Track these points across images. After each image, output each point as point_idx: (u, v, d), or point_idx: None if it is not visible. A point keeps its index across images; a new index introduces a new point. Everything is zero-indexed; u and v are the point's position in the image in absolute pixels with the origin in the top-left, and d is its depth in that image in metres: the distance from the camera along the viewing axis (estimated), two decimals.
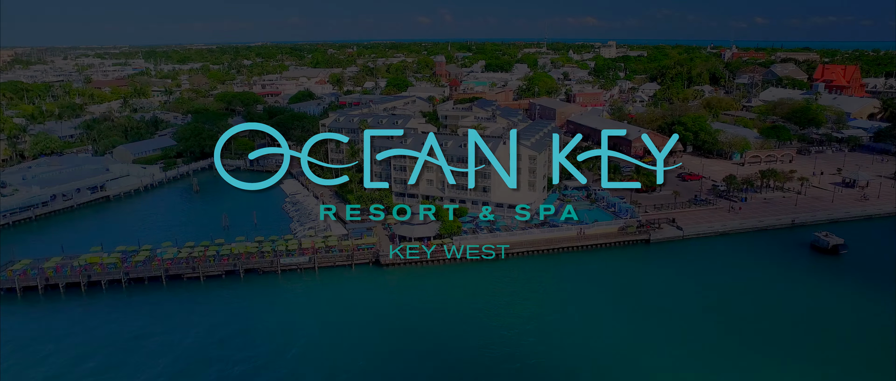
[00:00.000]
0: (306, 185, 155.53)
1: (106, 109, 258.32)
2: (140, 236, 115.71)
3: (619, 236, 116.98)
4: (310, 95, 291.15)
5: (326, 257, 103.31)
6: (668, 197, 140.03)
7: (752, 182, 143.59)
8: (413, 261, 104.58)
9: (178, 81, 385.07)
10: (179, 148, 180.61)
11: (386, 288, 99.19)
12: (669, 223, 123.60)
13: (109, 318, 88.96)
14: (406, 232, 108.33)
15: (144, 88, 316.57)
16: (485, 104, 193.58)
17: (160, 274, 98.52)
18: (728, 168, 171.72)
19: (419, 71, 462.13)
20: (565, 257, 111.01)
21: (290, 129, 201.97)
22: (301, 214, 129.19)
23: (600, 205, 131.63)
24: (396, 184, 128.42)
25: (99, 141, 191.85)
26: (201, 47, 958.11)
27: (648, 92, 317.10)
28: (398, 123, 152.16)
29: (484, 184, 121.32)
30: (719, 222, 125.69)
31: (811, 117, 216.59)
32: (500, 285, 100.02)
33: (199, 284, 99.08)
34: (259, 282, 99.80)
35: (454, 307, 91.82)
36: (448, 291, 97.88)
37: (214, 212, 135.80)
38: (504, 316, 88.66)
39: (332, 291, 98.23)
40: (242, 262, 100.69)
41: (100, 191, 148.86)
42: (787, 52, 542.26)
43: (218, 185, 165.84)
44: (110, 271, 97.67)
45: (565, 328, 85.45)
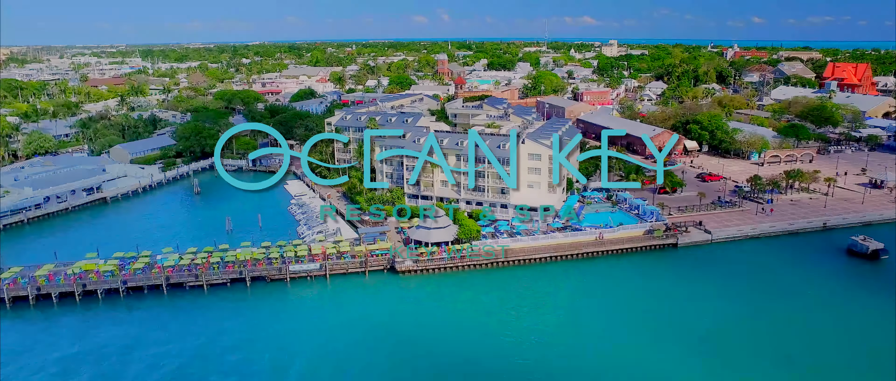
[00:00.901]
0: (312, 186, 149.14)
1: (102, 107, 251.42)
2: (139, 241, 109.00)
3: (645, 240, 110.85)
4: (311, 94, 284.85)
5: (338, 263, 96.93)
6: (690, 198, 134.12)
7: (778, 183, 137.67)
8: (430, 267, 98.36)
9: (176, 79, 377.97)
10: (179, 147, 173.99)
11: (402, 297, 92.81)
12: (696, 226, 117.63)
13: (106, 330, 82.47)
14: (422, 237, 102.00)
15: (142, 87, 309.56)
16: (495, 102, 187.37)
17: (161, 283, 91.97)
18: (747, 168, 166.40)
19: (421, 69, 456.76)
20: (589, 263, 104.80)
21: (293, 128, 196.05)
22: (308, 216, 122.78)
23: (623, 207, 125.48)
24: (409, 186, 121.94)
25: (95, 140, 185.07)
26: (199, 46, 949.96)
27: (656, 91, 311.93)
28: (408, 121, 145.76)
29: (502, 186, 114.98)
30: (748, 224, 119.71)
31: (827, 116, 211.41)
32: (523, 293, 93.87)
33: (202, 293, 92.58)
34: (267, 291, 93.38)
35: (475, 318, 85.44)
36: (468, 299, 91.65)
37: (217, 215, 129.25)
38: (526, 327, 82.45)
39: (345, 300, 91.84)
40: (249, 269, 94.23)
41: (96, 193, 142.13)
42: (789, 51, 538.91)
43: (219, 186, 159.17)
44: (107, 280, 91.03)
45: (591, 340, 79.32)
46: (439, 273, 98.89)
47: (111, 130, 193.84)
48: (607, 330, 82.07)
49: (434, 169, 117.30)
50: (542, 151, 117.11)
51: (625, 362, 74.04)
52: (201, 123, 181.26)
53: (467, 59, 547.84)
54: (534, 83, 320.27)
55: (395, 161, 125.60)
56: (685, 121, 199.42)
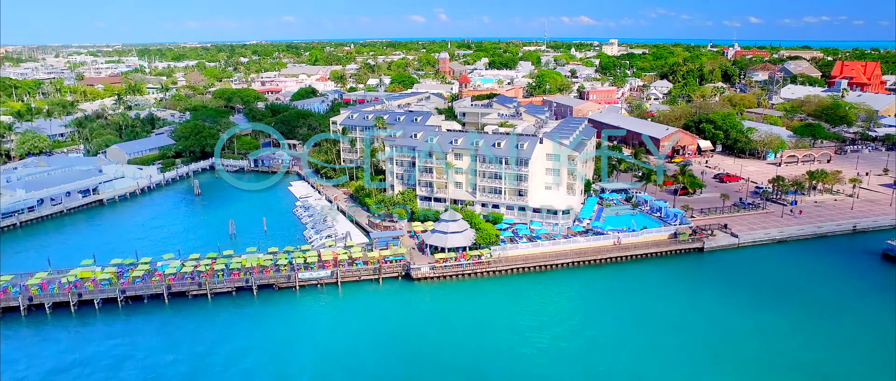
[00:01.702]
0: (317, 187, 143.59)
1: (99, 106, 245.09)
2: (137, 246, 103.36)
3: (670, 244, 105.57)
4: (313, 92, 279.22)
5: (350, 270, 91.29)
6: (710, 200, 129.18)
7: (801, 184, 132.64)
8: (448, 274, 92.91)
9: (174, 78, 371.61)
10: (178, 147, 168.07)
11: (419, 306, 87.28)
12: (721, 229, 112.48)
13: (102, 343, 76.72)
14: (438, 242, 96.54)
15: (139, 85, 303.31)
16: (504, 101, 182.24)
17: (162, 291, 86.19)
18: (764, 169, 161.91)
19: (421, 68, 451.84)
20: (613, 269, 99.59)
21: (296, 127, 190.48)
22: (315, 220, 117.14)
23: (643, 209, 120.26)
24: (421, 187, 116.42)
25: (91, 140, 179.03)
26: (195, 46, 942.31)
27: (662, 89, 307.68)
28: (417, 120, 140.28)
29: (520, 187, 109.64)
30: (775, 227, 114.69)
31: (842, 115, 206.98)
32: (544, 301, 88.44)
33: (206, 302, 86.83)
34: (275, 300, 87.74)
35: (495, 329, 79.95)
36: (488, 309, 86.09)
37: (219, 218, 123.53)
38: (548, 338, 77.28)
39: (358, 309, 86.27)
40: (255, 277, 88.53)
41: (92, 194, 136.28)
42: (790, 51, 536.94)
43: (220, 187, 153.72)
44: (104, 289, 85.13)
45: (616, 353, 73.93)
46: (457, 280, 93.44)
47: (108, 129, 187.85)
48: (633, 343, 76.57)
49: (449, 170, 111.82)
50: (561, 151, 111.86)
51: (653, 377, 68.76)
52: (201, 122, 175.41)
53: (468, 58, 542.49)
54: (538, 82, 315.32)
55: (405, 162, 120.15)
56: (697, 120, 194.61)
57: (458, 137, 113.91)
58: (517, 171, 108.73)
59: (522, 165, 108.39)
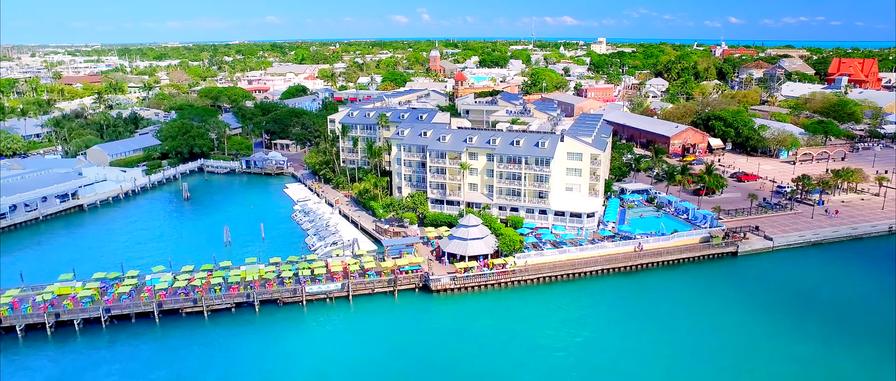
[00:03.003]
0: (315, 189, 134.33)
1: (77, 105, 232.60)
2: (123, 257, 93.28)
3: (702, 248, 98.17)
4: (303, 91, 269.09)
5: (362, 282, 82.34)
6: (732, 200, 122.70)
7: (828, 183, 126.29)
8: (469, 285, 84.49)
9: (157, 77, 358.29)
10: (164, 148, 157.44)
11: (440, 321, 78.78)
12: (752, 232, 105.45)
13: (84, 371, 67.24)
14: (458, 249, 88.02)
15: (121, 84, 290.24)
16: (509, 98, 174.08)
17: (152, 309, 76.50)
18: (779, 167, 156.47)
19: (411, 67, 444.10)
20: (644, 276, 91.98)
21: (289, 126, 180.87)
22: (317, 226, 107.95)
23: (668, 211, 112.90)
24: (433, 190, 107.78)
25: (70, 140, 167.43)
26: (177, 46, 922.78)
27: (659, 87, 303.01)
28: (422, 117, 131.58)
29: (540, 189, 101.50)
30: (808, 229, 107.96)
31: (850, 112, 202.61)
32: (574, 313, 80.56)
33: (202, 321, 77.40)
34: (280, 316, 78.63)
35: (522, 345, 71.98)
36: (516, 323, 77.83)
37: (212, 224, 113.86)
38: (580, 353, 69.93)
39: (373, 326, 77.54)
40: (257, 291, 79.23)
41: (71, 199, 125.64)
42: (775, 50, 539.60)
43: (211, 190, 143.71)
44: (86, 308, 75.18)
45: (652, 373, 66.27)
46: (479, 292, 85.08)
47: (88, 129, 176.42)
48: (669, 359, 68.97)
49: (464, 171, 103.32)
50: (583, 149, 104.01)
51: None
52: (188, 121, 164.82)
53: (457, 57, 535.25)
54: (534, 80, 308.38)
55: (414, 162, 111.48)
56: (706, 117, 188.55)
57: (472, 135, 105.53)
58: (538, 171, 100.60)
59: (543, 164, 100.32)
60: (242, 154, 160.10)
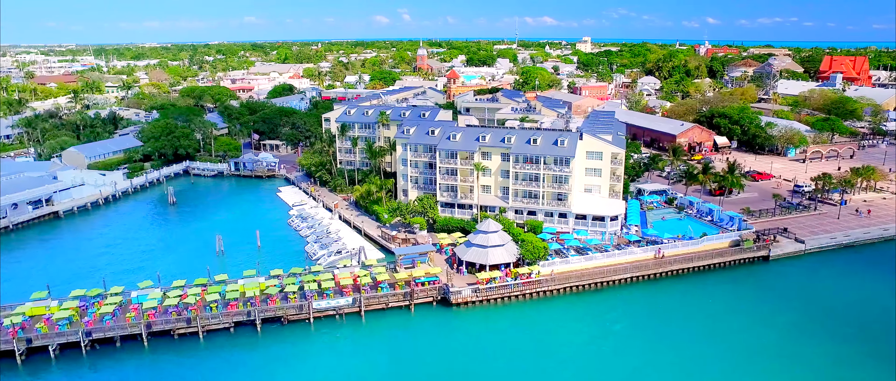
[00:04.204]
0: (311, 192, 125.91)
1: (52, 105, 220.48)
2: (105, 271, 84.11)
3: (733, 252, 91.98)
4: (290, 89, 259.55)
5: (376, 297, 74.39)
6: (749, 200, 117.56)
7: (850, 182, 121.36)
8: (492, 297, 77.08)
9: (136, 76, 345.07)
10: (147, 149, 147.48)
11: (462, 338, 71.32)
12: (781, 234, 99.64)
13: None
14: (477, 258, 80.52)
15: (97, 83, 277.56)
16: (510, 95, 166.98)
17: (139, 331, 67.67)
18: (789, 165, 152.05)
19: (397, 65, 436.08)
20: (674, 284, 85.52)
21: (278, 126, 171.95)
22: (317, 232, 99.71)
23: (689, 212, 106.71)
24: (443, 192, 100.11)
25: (44, 142, 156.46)
26: (155, 46, 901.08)
27: (653, 85, 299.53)
28: (425, 115, 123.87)
29: (560, 190, 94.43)
30: (838, 230, 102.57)
31: (852, 110, 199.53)
32: (606, 327, 73.91)
33: (197, 343, 68.79)
34: (284, 336, 70.43)
35: (554, 362, 65.14)
36: (543, 338, 70.71)
37: (201, 231, 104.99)
38: (615, 373, 63.06)
39: (389, 344, 69.83)
40: (258, 308, 70.86)
41: (45, 206, 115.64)
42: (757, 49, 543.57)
43: (198, 194, 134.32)
44: (63, 332, 66.08)
45: None
46: (503, 304, 77.74)
47: (63, 130, 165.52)
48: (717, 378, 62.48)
49: (477, 172, 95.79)
50: (603, 148, 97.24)
51: None
52: (173, 121, 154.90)
53: (443, 56, 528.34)
54: (525, 78, 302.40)
55: (421, 163, 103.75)
56: (709, 115, 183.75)
57: (485, 134, 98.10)
58: (557, 171, 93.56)
59: (563, 164, 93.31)
60: (231, 156, 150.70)
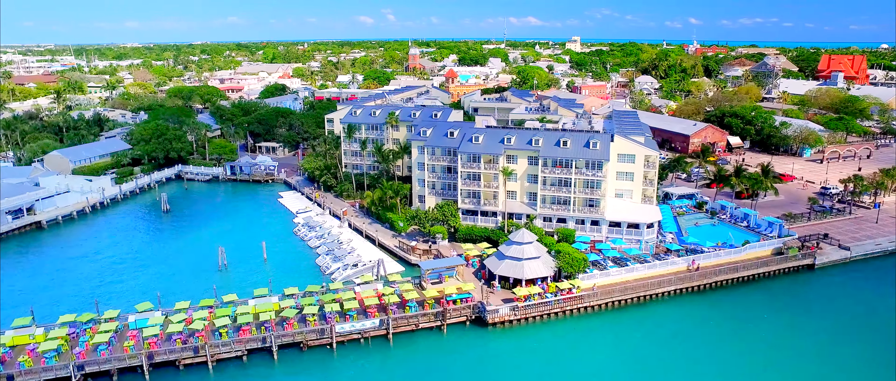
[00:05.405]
0: (315, 198, 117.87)
1: (31, 106, 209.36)
2: (97, 291, 75.41)
3: (777, 261, 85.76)
4: (283, 89, 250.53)
5: (404, 317, 66.79)
6: (772, 203, 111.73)
7: (883, 184, 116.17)
8: (531, 316, 69.91)
9: (119, 77, 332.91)
10: (136, 153, 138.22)
11: (501, 360, 63.99)
12: (823, 240, 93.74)
13: None
14: (512, 271, 73.27)
15: (79, 84, 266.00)
16: (519, 94, 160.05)
17: (140, 362, 59.33)
18: (808, 166, 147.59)
19: (388, 65, 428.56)
20: (720, 296, 79.16)
21: (274, 127, 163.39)
22: (328, 243, 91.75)
23: (722, 217, 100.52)
24: (464, 199, 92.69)
25: (23, 145, 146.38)
26: (138, 46, 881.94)
27: (652, 84, 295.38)
28: (436, 116, 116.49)
29: (592, 196, 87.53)
30: (881, 236, 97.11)
31: (861, 108, 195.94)
32: (654, 345, 66.78)
33: (205, 375, 60.70)
34: (304, 363, 62.61)
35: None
36: (589, 358, 63.91)
37: (200, 241, 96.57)
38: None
39: (420, 369, 62.32)
40: (274, 333, 62.92)
41: (26, 215, 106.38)
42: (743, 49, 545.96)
43: (193, 200, 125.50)
44: (51, 366, 57.55)
45: None
46: (542, 322, 70.59)
47: (44, 132, 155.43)
48: None
49: (504, 177, 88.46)
50: (636, 150, 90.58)
51: None
52: (163, 122, 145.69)
53: (433, 55, 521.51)
54: (523, 77, 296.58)
55: (439, 167, 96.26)
56: (720, 114, 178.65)
57: (510, 135, 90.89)
58: (589, 176, 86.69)
59: (596, 168, 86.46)
60: (226, 159, 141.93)
